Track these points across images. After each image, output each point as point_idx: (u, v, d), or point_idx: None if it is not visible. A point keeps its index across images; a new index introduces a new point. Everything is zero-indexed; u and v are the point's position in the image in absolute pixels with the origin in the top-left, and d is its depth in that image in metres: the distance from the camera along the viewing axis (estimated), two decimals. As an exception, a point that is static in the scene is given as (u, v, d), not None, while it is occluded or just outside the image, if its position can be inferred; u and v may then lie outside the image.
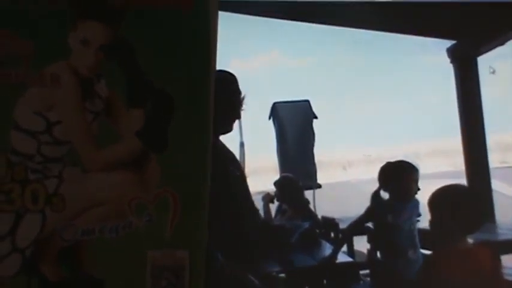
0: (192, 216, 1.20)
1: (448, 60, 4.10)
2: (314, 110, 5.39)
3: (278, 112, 5.30)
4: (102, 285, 1.18)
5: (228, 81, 2.39)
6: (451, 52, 4.07)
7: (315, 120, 5.46)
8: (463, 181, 4.03)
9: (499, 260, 2.59)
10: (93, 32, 1.21)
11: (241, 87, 2.46)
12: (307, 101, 5.44)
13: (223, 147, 2.44)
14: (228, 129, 2.40)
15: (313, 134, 5.45)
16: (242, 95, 2.42)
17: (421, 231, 2.99)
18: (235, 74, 2.49)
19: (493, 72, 3.47)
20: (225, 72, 2.42)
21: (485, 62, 3.82)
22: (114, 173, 1.19)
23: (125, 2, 1.22)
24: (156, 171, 1.19)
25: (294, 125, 5.36)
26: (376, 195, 3.13)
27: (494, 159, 3.91)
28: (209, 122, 1.23)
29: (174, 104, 1.21)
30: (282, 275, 3.29)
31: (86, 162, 1.19)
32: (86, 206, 1.18)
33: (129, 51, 1.21)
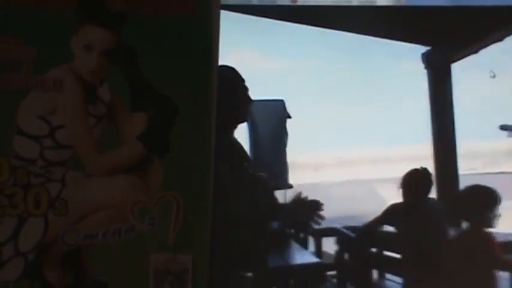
0: (195, 219, 1.21)
1: (423, 65, 4.15)
2: (289, 110, 5.39)
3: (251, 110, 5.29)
4: (106, 290, 1.19)
5: (232, 73, 2.40)
6: (426, 58, 4.11)
7: (288, 120, 5.47)
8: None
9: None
10: (96, 37, 1.21)
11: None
12: (282, 101, 5.44)
13: (238, 144, 2.44)
14: (246, 118, 2.46)
15: (286, 133, 5.46)
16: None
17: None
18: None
19: (494, 76, 3.51)
20: (224, 66, 2.43)
21: (459, 68, 3.88)
22: (117, 177, 1.20)
23: (126, 6, 1.23)
24: (159, 175, 1.20)
25: (267, 124, 5.35)
26: None
27: (463, 166, 3.99)
28: (212, 125, 1.24)
29: (176, 108, 1.22)
30: (249, 274, 3.29)
31: (89, 166, 1.19)
32: (88, 211, 1.18)
33: (132, 55, 1.22)
